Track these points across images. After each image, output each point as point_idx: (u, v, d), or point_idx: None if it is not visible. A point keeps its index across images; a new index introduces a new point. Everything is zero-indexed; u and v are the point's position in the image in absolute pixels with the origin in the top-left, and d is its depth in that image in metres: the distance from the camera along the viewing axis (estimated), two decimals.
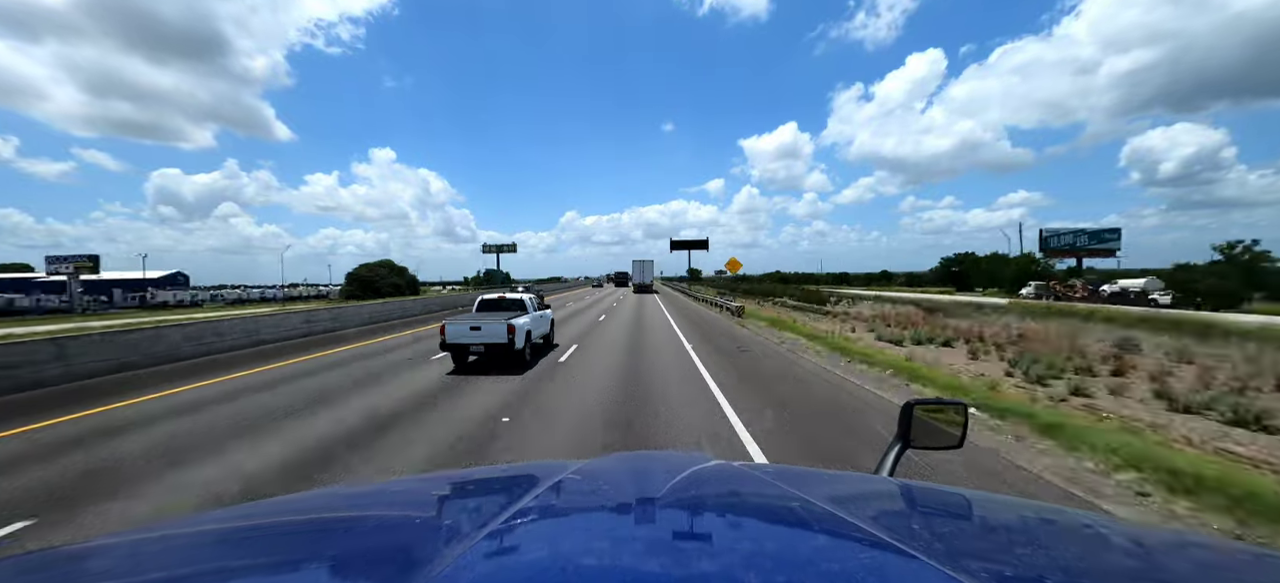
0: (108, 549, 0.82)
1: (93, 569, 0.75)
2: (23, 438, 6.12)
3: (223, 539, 0.87)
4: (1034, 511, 1.10)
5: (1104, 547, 0.82)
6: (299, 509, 1.07)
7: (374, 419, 6.62)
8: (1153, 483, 4.24)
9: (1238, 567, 0.78)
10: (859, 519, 0.80)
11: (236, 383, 9.37)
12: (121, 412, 7.33)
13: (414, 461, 5.16)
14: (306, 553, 0.80)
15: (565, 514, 0.92)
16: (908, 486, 1.10)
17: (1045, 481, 4.50)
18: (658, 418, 6.54)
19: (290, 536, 0.89)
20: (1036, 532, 0.90)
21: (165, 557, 0.79)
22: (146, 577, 0.71)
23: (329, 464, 5.08)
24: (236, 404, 7.65)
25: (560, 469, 1.12)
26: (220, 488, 4.51)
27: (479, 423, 6.38)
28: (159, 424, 6.61)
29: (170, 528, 0.94)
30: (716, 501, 0.99)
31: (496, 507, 0.86)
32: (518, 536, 0.75)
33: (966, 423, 1.41)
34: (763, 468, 1.28)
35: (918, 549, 0.66)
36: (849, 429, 6.17)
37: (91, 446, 5.75)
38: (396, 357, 12.24)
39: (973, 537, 0.88)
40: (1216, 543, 1.25)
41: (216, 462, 5.17)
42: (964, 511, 1.00)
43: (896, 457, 1.33)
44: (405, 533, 0.86)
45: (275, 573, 0.72)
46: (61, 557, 0.81)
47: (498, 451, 5.48)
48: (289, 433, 6.09)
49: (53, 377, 9.44)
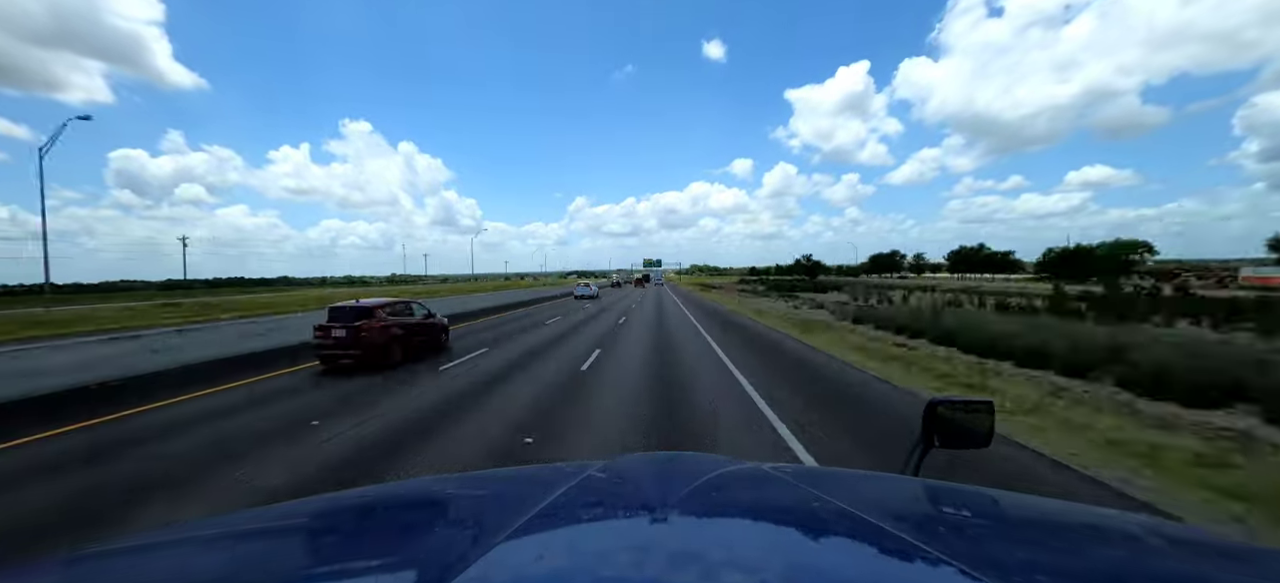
0: (123, 553, 0.84)
1: (105, 574, 0.75)
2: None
3: (240, 543, 0.88)
4: (1063, 511, 1.12)
5: (1137, 549, 0.82)
6: (319, 512, 1.08)
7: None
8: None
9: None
10: (882, 521, 0.80)
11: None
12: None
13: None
14: (327, 556, 0.82)
15: (586, 517, 0.93)
16: (933, 486, 1.11)
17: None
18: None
19: (311, 539, 0.91)
20: (1065, 532, 0.91)
21: (183, 560, 0.80)
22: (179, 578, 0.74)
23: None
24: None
25: (583, 470, 1.13)
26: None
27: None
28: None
29: (189, 531, 0.97)
30: (738, 504, 1.00)
31: (518, 509, 0.86)
32: (539, 538, 0.76)
33: (993, 421, 1.38)
34: (786, 469, 1.25)
35: (942, 551, 0.66)
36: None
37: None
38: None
39: (999, 538, 0.87)
40: (1259, 549, 1.08)
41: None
42: (991, 511, 1.00)
43: (920, 456, 1.33)
44: (426, 536, 0.89)
45: (295, 577, 0.73)
46: (70, 563, 0.81)
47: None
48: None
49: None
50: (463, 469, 4.81)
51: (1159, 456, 4.88)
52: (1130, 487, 4.32)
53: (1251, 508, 3.86)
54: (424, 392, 8.32)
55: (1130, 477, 4.49)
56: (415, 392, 8.33)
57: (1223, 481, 4.31)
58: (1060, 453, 5.02)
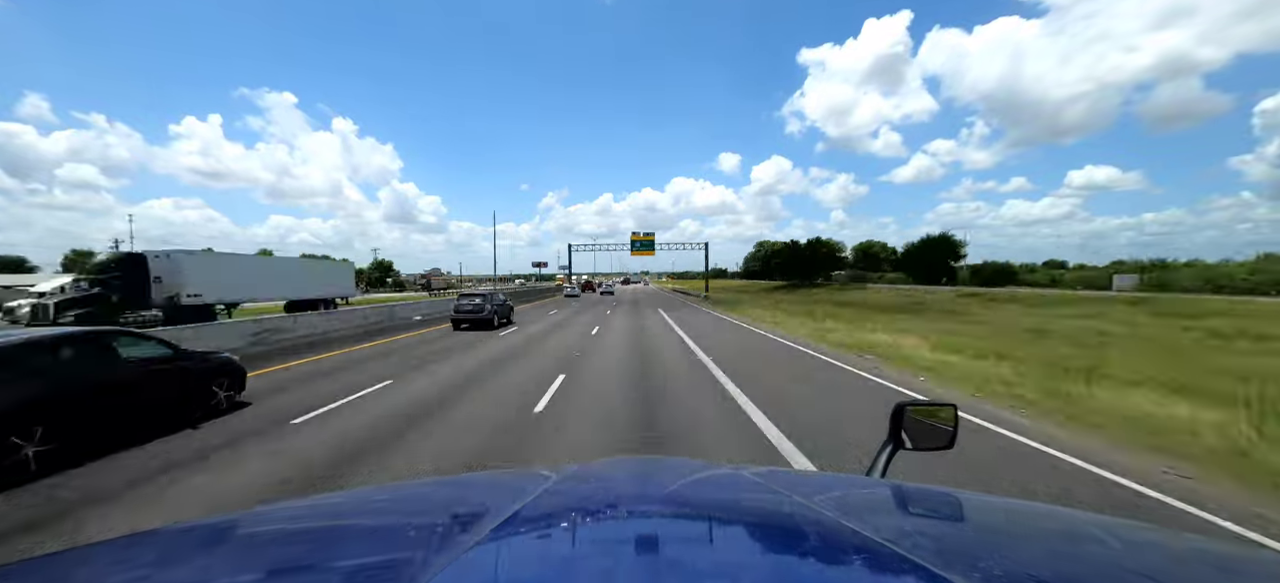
0: (103, 554, 0.83)
1: (87, 575, 0.74)
2: None
3: (213, 547, 0.87)
4: (1027, 511, 1.14)
5: (1098, 546, 0.82)
6: (290, 518, 1.06)
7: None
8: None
9: (1235, 566, 0.80)
10: (852, 522, 0.81)
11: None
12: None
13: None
14: (297, 562, 0.79)
15: (560, 521, 0.91)
16: (900, 487, 1.12)
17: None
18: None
19: (281, 544, 0.88)
20: (1030, 532, 0.93)
21: (155, 564, 0.78)
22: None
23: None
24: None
25: (558, 474, 1.15)
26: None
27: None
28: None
29: (159, 537, 0.92)
30: (711, 507, 1.01)
31: (490, 513, 0.86)
32: (509, 543, 0.76)
33: (957, 423, 1.43)
34: (759, 472, 1.27)
35: (909, 551, 0.67)
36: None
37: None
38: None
39: (966, 538, 0.89)
40: (1214, 544, 1.19)
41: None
42: (957, 512, 1.02)
43: (888, 458, 1.35)
44: (398, 541, 0.86)
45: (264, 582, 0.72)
46: (59, 563, 0.80)
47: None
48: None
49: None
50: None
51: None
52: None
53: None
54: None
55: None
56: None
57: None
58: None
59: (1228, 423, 5.68)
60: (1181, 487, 4.26)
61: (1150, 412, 6.33)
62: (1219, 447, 5.09)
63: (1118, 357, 11.28)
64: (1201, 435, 5.38)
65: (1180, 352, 12.83)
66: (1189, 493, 4.12)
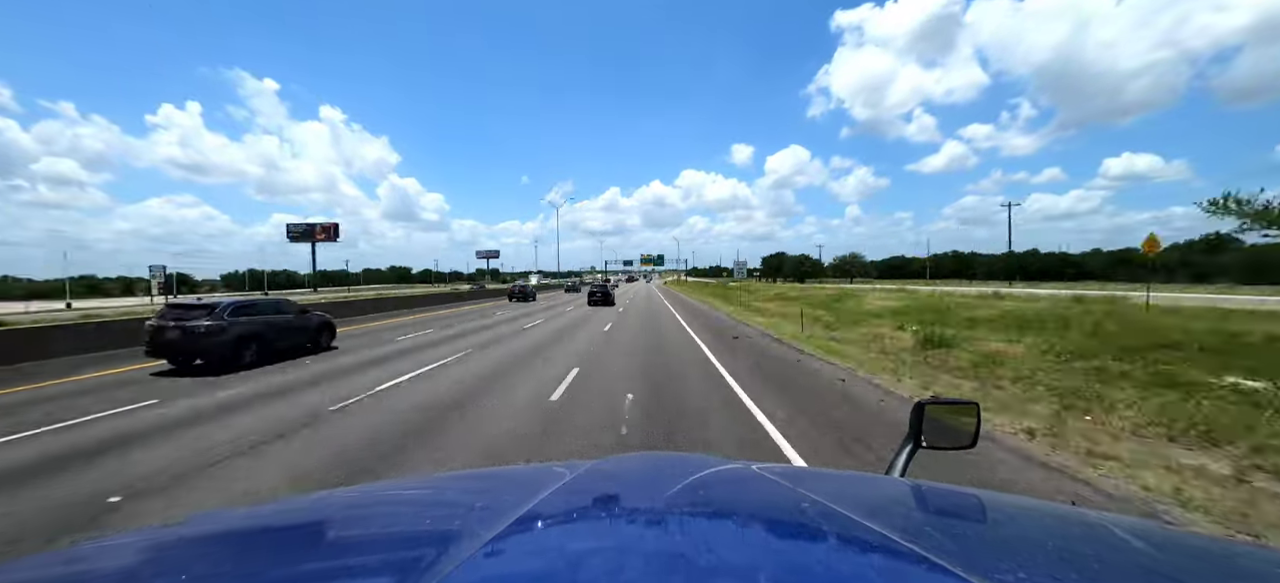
0: (111, 551, 0.85)
1: (96, 571, 0.76)
2: None
3: (225, 542, 0.89)
4: (1049, 511, 1.11)
5: (1121, 549, 0.82)
6: (303, 512, 1.09)
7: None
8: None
9: (1266, 572, 0.78)
10: (870, 521, 0.81)
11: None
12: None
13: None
14: (310, 556, 0.82)
15: (572, 518, 0.92)
16: (920, 486, 1.10)
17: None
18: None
19: (294, 538, 0.91)
20: (1054, 535, 0.91)
21: (164, 560, 0.81)
22: (147, 579, 0.75)
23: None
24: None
25: (570, 470, 1.15)
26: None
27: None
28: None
29: (169, 531, 0.95)
30: (726, 504, 1.01)
31: (504, 509, 0.87)
32: (524, 539, 0.78)
33: (979, 422, 1.40)
34: (774, 469, 1.24)
35: (930, 551, 0.67)
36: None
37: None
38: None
39: (986, 538, 0.89)
40: (1243, 549, 1.09)
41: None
42: (977, 512, 1.00)
43: (908, 457, 1.35)
44: (411, 536, 0.88)
45: (279, 576, 0.73)
46: (65, 559, 0.81)
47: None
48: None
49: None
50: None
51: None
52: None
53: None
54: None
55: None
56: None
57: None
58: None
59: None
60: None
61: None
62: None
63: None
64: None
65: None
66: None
